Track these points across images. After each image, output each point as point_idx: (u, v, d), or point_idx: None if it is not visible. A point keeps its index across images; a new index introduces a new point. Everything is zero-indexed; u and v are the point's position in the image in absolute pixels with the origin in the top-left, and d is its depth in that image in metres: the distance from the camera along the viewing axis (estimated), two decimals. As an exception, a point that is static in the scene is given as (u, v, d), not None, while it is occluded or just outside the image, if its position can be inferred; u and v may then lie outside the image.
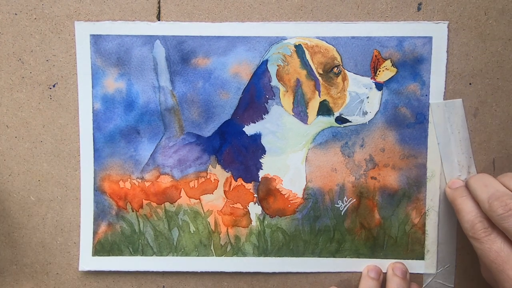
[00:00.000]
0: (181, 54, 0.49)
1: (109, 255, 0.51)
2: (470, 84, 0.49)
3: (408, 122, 0.50)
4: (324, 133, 0.50)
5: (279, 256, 0.51)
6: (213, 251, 0.51)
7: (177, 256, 0.51)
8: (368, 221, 0.51)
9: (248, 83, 0.49)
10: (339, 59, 0.49)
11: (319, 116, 0.49)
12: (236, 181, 0.50)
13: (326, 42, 0.49)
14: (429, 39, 0.49)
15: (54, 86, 0.50)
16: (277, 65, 0.49)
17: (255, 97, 0.49)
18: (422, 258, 0.51)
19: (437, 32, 0.49)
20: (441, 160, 0.49)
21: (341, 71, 0.49)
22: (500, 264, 0.40)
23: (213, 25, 0.49)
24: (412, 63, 0.49)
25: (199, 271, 0.51)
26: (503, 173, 0.46)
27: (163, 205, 0.51)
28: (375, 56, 0.49)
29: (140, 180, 0.50)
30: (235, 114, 0.50)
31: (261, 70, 0.49)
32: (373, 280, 0.49)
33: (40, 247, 0.52)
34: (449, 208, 0.50)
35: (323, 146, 0.50)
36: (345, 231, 0.51)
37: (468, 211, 0.44)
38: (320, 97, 0.49)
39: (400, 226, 0.50)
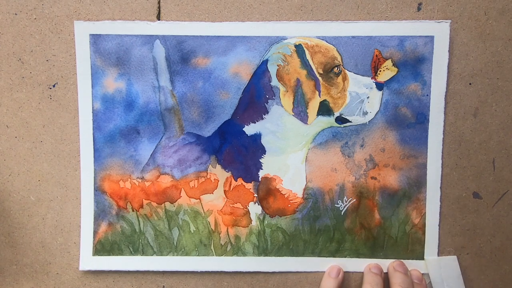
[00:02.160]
0: (181, 54, 0.49)
1: (109, 255, 0.51)
2: (470, 84, 0.49)
3: (408, 122, 0.49)
4: (324, 133, 0.50)
5: (279, 256, 0.51)
6: (213, 250, 0.51)
7: (177, 255, 0.51)
8: (368, 221, 0.50)
9: (248, 83, 0.49)
10: (339, 59, 0.49)
11: (319, 116, 0.49)
12: (236, 181, 0.50)
13: (327, 41, 0.49)
14: (431, 38, 0.48)
15: (54, 86, 0.50)
16: (277, 65, 0.49)
17: (255, 97, 0.49)
18: (422, 258, 0.51)
19: (439, 31, 0.48)
20: None
21: (341, 71, 0.49)
22: None
23: (213, 25, 0.49)
24: (413, 63, 0.49)
25: (199, 270, 0.51)
26: (503, 173, 0.46)
27: (163, 205, 0.51)
28: (376, 55, 0.49)
29: (140, 180, 0.50)
30: (235, 114, 0.50)
31: (261, 70, 0.49)
32: (376, 275, 0.49)
33: (40, 247, 0.52)
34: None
35: (323, 146, 0.50)
36: (345, 231, 0.51)
37: None
38: (320, 97, 0.49)
39: (400, 226, 0.50)
